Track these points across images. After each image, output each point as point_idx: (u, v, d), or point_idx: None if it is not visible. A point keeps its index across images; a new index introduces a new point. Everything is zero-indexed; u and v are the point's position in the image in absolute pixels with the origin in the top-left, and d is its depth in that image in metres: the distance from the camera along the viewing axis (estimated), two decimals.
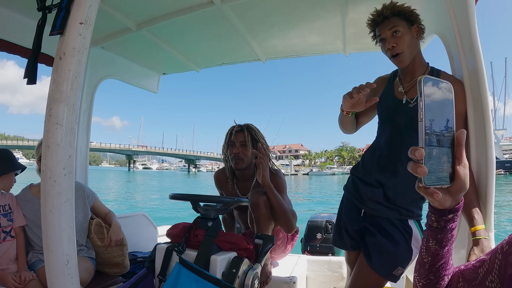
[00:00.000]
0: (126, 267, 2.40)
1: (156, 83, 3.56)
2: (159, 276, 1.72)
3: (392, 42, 1.61)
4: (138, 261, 2.74)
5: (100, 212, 2.47)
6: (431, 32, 1.96)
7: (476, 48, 1.46)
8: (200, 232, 1.76)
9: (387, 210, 1.69)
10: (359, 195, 1.80)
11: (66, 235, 1.12)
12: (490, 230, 1.39)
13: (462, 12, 1.52)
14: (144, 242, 3.13)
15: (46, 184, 1.10)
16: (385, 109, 1.77)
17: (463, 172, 0.67)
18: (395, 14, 1.62)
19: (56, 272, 1.12)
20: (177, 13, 2.30)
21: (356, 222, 1.80)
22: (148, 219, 3.24)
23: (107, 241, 2.28)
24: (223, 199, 1.90)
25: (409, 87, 1.70)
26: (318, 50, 2.87)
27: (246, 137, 2.33)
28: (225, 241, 1.76)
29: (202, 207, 1.83)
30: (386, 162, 1.71)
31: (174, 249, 1.72)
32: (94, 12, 1.19)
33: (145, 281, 1.75)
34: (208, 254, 1.66)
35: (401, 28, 1.60)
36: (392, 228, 1.67)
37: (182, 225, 1.88)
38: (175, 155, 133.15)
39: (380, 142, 1.78)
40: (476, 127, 1.48)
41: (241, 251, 1.78)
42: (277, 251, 2.37)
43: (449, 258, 0.79)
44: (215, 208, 1.83)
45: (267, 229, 2.10)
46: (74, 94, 1.13)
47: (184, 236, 1.79)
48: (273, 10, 2.28)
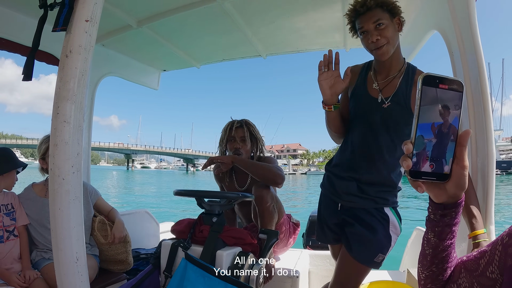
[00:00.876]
0: (129, 264, 2.41)
1: (156, 79, 3.56)
2: (165, 272, 1.73)
3: (376, 35, 1.54)
4: (142, 257, 2.74)
5: (103, 210, 2.47)
6: (431, 28, 1.97)
7: (476, 44, 1.47)
8: (205, 228, 1.77)
9: (362, 201, 1.69)
10: (334, 190, 1.79)
11: (75, 233, 1.13)
12: (491, 223, 1.41)
13: (462, 8, 1.53)
14: (147, 239, 3.14)
15: (55, 182, 1.11)
16: (358, 106, 1.73)
17: (459, 172, 0.67)
18: (378, 5, 1.55)
19: (66, 270, 1.12)
20: (178, 9, 2.29)
21: (335, 215, 1.80)
22: (151, 216, 3.24)
23: (111, 238, 2.28)
24: (227, 194, 1.91)
25: (384, 84, 1.66)
26: (319, 45, 2.87)
27: (246, 132, 2.41)
28: (230, 236, 1.77)
29: (206, 202, 1.85)
30: (359, 158, 1.70)
31: (179, 245, 1.73)
32: (99, 9, 1.20)
33: (151, 278, 1.76)
34: (214, 250, 1.67)
35: (384, 20, 1.54)
36: (370, 217, 1.68)
37: (187, 221, 1.90)
38: (174, 154, 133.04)
39: (352, 138, 1.75)
40: (477, 124, 1.49)
41: (246, 246, 1.80)
42: (280, 244, 2.39)
43: (451, 252, 0.80)
44: (219, 203, 1.84)
45: (271, 222, 2.12)
46: (81, 92, 1.13)
47: (189, 232, 1.80)
48: (274, 6, 2.28)
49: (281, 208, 2.34)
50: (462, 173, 0.67)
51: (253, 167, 2.19)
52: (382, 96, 1.64)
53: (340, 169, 1.78)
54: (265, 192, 2.09)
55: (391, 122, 1.60)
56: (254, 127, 2.49)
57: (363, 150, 1.69)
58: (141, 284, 1.72)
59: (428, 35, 2.11)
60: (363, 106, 1.70)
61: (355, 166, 1.71)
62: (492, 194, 1.42)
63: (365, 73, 1.76)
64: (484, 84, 1.46)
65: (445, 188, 0.69)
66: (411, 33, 2.38)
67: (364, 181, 1.69)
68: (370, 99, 1.68)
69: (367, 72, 1.75)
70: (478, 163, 1.49)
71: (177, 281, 1.51)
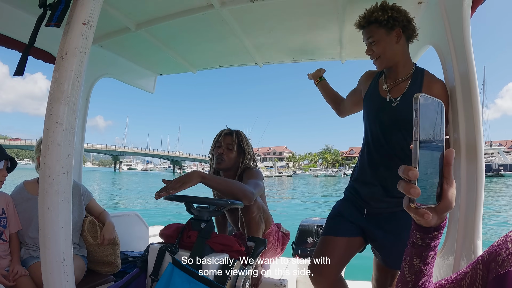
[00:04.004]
0: (117, 266, 2.40)
1: (152, 83, 3.57)
2: (151, 276, 1.73)
3: (369, 50, 1.75)
4: (129, 260, 2.73)
5: (94, 211, 2.47)
6: (426, 42, 2.00)
7: (469, 61, 1.49)
8: (193, 233, 1.78)
9: (389, 205, 1.74)
10: (359, 196, 1.84)
11: (63, 233, 1.14)
12: (478, 238, 1.42)
13: (458, 25, 1.55)
14: (136, 242, 3.13)
15: (45, 182, 1.11)
16: (371, 106, 1.84)
17: (451, 192, 0.67)
18: (371, 22, 1.71)
19: (52, 269, 1.12)
20: (177, 14, 2.31)
21: (359, 220, 1.84)
22: (140, 219, 3.23)
23: (100, 239, 2.28)
24: (216, 201, 1.92)
25: (392, 86, 1.77)
26: (315, 56, 2.90)
27: (234, 141, 2.41)
28: (218, 242, 1.78)
29: (195, 208, 1.85)
30: (377, 157, 1.77)
31: (167, 249, 1.74)
32: (97, 13, 1.21)
33: (137, 281, 1.76)
34: (201, 255, 1.67)
35: (376, 36, 1.70)
36: (394, 223, 1.72)
37: (176, 225, 1.90)
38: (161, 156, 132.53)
39: (368, 140, 1.84)
40: (467, 135, 1.51)
41: (233, 253, 1.80)
42: (268, 254, 2.39)
43: (431, 275, 0.80)
44: (208, 210, 1.85)
45: (257, 232, 2.12)
46: (75, 94, 1.14)
47: (177, 236, 1.80)
48: (272, 15, 2.30)
49: (269, 218, 2.33)
50: (452, 192, 0.67)
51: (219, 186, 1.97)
52: (390, 96, 1.74)
53: (362, 172, 1.85)
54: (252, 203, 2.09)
55: (402, 121, 1.67)
56: (244, 139, 2.48)
57: (379, 149, 1.77)
58: (128, 287, 1.72)
59: (423, 50, 2.15)
60: (374, 106, 1.82)
61: (375, 166, 1.77)
62: (480, 208, 1.42)
63: (377, 77, 1.88)
64: (476, 100, 1.47)
65: (436, 211, 0.68)
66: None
67: (387, 181, 1.73)
68: (380, 98, 1.79)
69: (380, 77, 1.87)
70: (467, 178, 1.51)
71: (163, 285, 1.51)
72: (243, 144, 2.45)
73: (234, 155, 2.42)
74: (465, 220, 1.47)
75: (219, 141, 2.43)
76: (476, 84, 1.48)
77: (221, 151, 2.39)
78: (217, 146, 2.43)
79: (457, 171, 1.55)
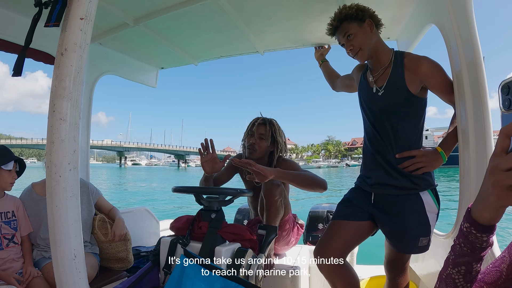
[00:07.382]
0: (130, 262, 2.42)
1: (154, 77, 3.56)
2: (164, 269, 1.74)
3: (349, 46, 1.81)
4: (142, 255, 2.75)
5: (104, 209, 2.48)
6: (428, 21, 1.97)
7: (473, 37, 1.48)
8: (204, 224, 1.78)
9: (393, 188, 1.76)
10: (366, 183, 1.88)
11: (73, 230, 1.13)
12: None
13: (459, 1, 1.54)
14: (147, 237, 3.15)
15: (52, 179, 1.11)
16: (362, 98, 1.93)
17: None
18: (343, 20, 1.81)
19: (64, 267, 1.12)
20: (175, 7, 2.29)
21: (367, 205, 1.85)
22: (150, 214, 3.25)
23: (111, 236, 2.29)
24: (225, 190, 1.91)
25: (377, 76, 1.85)
26: (316, 40, 2.86)
27: (267, 131, 2.41)
28: (229, 232, 1.77)
29: (205, 199, 1.85)
30: (375, 145, 1.84)
31: (178, 241, 1.74)
32: (94, 7, 1.19)
33: (150, 274, 1.77)
34: (213, 246, 1.68)
35: (351, 30, 1.79)
36: (399, 207, 1.73)
37: (186, 217, 1.90)
38: (165, 151, 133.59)
39: (366, 129, 1.94)
40: (475, 117, 1.50)
41: (244, 242, 1.80)
42: (281, 242, 2.39)
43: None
44: (218, 200, 1.85)
45: (276, 217, 2.11)
46: (77, 89, 1.13)
47: (188, 228, 1.81)
48: (270, 2, 2.27)
49: (288, 206, 2.34)
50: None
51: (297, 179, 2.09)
52: (376, 86, 1.83)
53: (367, 158, 1.91)
54: (274, 187, 2.09)
55: (389, 108, 1.75)
56: (277, 129, 2.47)
57: (373, 139, 1.84)
58: (141, 281, 1.73)
59: (426, 29, 2.12)
60: (364, 98, 1.91)
61: (373, 153, 1.84)
62: None
63: (365, 70, 1.97)
64: (482, 76, 1.46)
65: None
66: (408, 27, 2.38)
67: (387, 164, 1.78)
68: (368, 90, 1.87)
69: (367, 69, 1.95)
70: (476, 161, 1.50)
71: (176, 278, 1.51)
72: (276, 135, 2.45)
73: (266, 145, 2.41)
74: None
75: (252, 130, 2.42)
76: (481, 61, 1.48)
77: (253, 141, 2.38)
78: (250, 134, 2.43)
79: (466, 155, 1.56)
